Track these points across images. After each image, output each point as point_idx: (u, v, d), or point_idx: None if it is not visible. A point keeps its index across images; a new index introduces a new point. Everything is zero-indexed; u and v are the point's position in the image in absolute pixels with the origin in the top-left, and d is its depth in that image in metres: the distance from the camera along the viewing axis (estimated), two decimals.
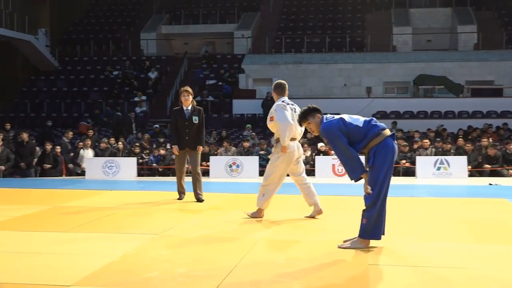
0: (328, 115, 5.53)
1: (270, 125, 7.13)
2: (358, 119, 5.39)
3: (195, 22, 29.86)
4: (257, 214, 7.14)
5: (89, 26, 30.46)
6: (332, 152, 15.75)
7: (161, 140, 18.27)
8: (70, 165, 15.47)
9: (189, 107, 9.06)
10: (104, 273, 4.52)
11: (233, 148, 16.10)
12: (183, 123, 8.99)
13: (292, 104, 7.12)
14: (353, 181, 5.38)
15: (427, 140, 15.44)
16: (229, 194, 10.03)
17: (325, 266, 4.78)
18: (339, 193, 10.04)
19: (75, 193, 10.14)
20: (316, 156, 14.94)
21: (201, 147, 9.14)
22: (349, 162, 5.30)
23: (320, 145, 15.96)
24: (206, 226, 6.72)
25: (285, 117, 6.89)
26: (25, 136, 15.00)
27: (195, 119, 9.02)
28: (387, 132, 5.33)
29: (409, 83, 24.66)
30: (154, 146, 17.48)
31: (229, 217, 7.34)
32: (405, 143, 15.48)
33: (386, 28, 28.01)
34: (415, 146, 15.56)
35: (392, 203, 8.75)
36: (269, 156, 7.08)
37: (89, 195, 9.69)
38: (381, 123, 5.42)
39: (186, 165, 9.42)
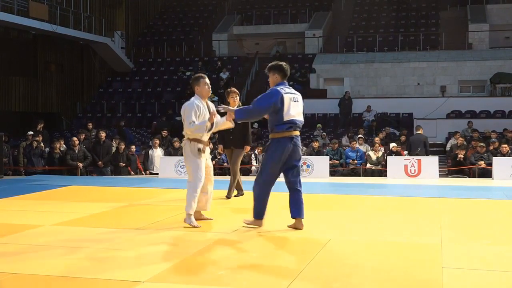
0: (286, 88, 6.19)
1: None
2: (291, 112, 6.03)
3: (267, 23, 29.97)
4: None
5: (163, 28, 31.13)
6: (405, 152, 15.52)
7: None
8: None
9: (235, 108, 9.26)
10: (176, 270, 4.61)
11: (304, 148, 16.07)
12: None
13: None
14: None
15: (505, 145, 14.78)
16: None
17: (397, 268, 4.70)
18: (411, 194, 9.85)
19: (149, 191, 10.37)
20: (388, 157, 14.70)
21: (248, 146, 9.34)
22: (250, 111, 6.20)
23: (392, 145, 15.71)
24: (277, 225, 6.73)
25: None
26: (102, 135, 15.46)
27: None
28: (290, 133, 6.06)
29: (485, 81, 23.93)
30: None
31: None
32: (481, 144, 15.00)
33: (461, 25, 27.31)
34: (491, 147, 15.05)
35: (468, 205, 8.57)
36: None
37: (163, 194, 9.90)
38: (298, 124, 6.12)
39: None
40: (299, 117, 6.20)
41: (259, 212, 6.20)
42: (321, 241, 5.63)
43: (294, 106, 6.12)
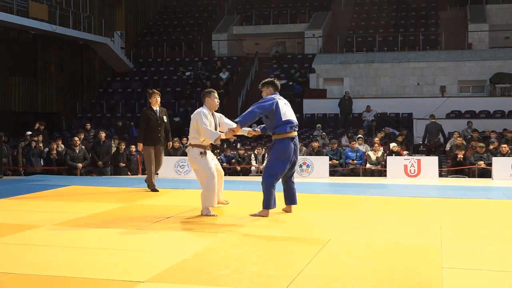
0: (275, 96, 7.12)
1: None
2: (286, 114, 7.02)
3: (266, 23, 29.94)
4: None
5: (163, 28, 31.10)
6: (404, 152, 15.54)
7: (232, 140, 18.43)
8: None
9: (158, 108, 9.98)
10: (176, 270, 4.61)
11: (304, 148, 16.08)
12: (156, 122, 9.90)
13: None
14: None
15: (505, 145, 14.75)
16: (299, 194, 9.98)
17: (396, 268, 4.71)
18: (411, 194, 9.85)
19: (149, 191, 10.36)
20: (388, 157, 14.70)
21: (170, 142, 10.60)
22: (250, 114, 6.98)
23: (393, 145, 15.71)
24: (277, 225, 6.74)
25: None
26: (102, 135, 15.46)
27: (165, 118, 10.07)
28: (291, 134, 7.02)
29: (485, 81, 23.91)
30: (225, 145, 17.67)
31: (300, 217, 7.34)
32: (481, 144, 15.00)
33: (461, 25, 27.30)
34: (491, 146, 15.05)
35: (468, 205, 8.57)
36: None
37: (162, 194, 9.90)
38: (295, 124, 7.09)
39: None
40: (294, 118, 7.19)
41: (268, 204, 7.06)
42: (321, 241, 5.63)
43: (288, 109, 7.16)
